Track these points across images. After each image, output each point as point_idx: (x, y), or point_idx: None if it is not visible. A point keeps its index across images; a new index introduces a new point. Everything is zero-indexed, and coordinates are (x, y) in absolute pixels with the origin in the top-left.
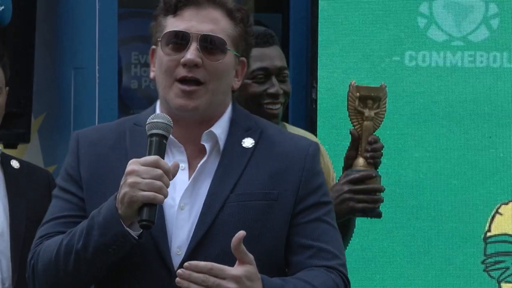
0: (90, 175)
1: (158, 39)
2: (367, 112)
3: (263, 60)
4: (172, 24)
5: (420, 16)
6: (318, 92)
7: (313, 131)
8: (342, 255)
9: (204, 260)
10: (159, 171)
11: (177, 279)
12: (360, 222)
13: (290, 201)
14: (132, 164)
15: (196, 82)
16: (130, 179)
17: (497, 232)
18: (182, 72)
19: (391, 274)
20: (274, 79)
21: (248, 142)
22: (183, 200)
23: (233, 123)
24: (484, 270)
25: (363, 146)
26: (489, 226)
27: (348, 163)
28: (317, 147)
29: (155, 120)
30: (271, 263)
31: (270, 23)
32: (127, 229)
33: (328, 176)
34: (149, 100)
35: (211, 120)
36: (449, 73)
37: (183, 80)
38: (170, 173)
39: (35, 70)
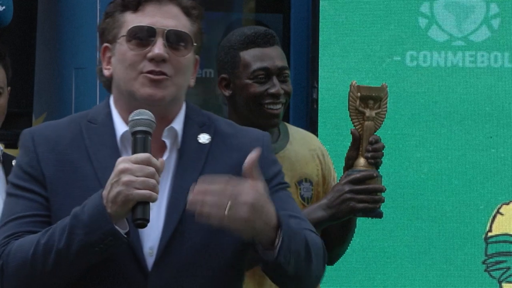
0: (54, 174)
1: (120, 36)
2: (368, 112)
3: (264, 60)
4: (134, 19)
5: (421, 16)
6: (319, 92)
7: (314, 131)
8: (308, 224)
9: (176, 258)
10: (152, 169)
11: (190, 198)
12: (361, 222)
13: None
14: (123, 163)
15: (163, 75)
16: (125, 178)
17: (498, 232)
18: (148, 66)
19: (392, 274)
20: (275, 79)
21: (204, 138)
22: None
23: (187, 119)
24: (485, 270)
25: (364, 146)
26: (490, 226)
27: (349, 163)
28: (269, 137)
29: (138, 117)
30: (235, 256)
31: (271, 23)
32: (117, 227)
33: (329, 176)
34: None
35: (170, 116)
36: (450, 73)
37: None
38: (160, 171)
39: (36, 70)
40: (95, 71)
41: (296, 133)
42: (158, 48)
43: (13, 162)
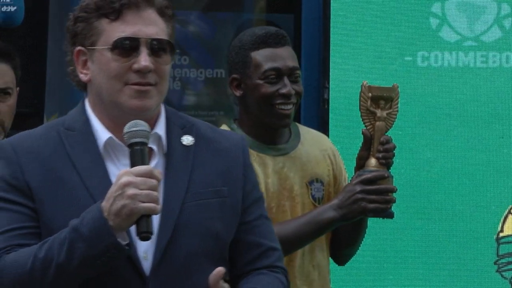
0: (39, 184)
1: (100, 44)
2: (379, 112)
3: (275, 61)
4: (115, 29)
5: (432, 17)
6: (330, 92)
7: (325, 131)
8: (279, 246)
9: (172, 263)
10: (155, 182)
11: None
12: (372, 223)
13: (238, 197)
14: (126, 175)
15: (149, 85)
16: (130, 191)
17: (509, 233)
18: (134, 78)
19: (404, 275)
20: (286, 80)
21: (187, 140)
22: None
23: (168, 121)
24: (497, 271)
25: (375, 146)
26: (502, 226)
27: (360, 164)
28: (245, 140)
29: (135, 129)
30: (224, 258)
31: (282, 24)
32: (119, 240)
33: (340, 176)
34: None
35: (151, 121)
36: (462, 74)
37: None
38: (159, 182)
39: (47, 70)
40: None
41: (307, 133)
42: (144, 59)
43: None
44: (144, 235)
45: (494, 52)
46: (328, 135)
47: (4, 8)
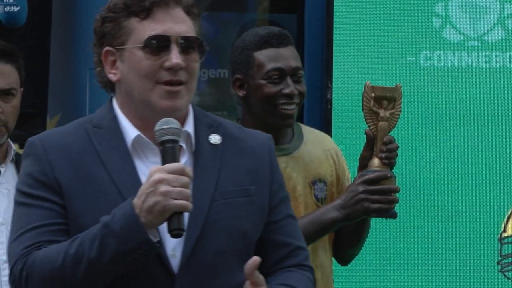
0: (70, 181)
1: (130, 43)
2: (382, 112)
3: (278, 61)
4: (146, 27)
5: (435, 16)
6: (333, 92)
7: (328, 131)
8: (306, 245)
9: (201, 261)
10: (187, 179)
11: None
12: (375, 223)
13: (266, 196)
14: (158, 172)
15: (180, 84)
16: (162, 188)
17: None
18: (166, 76)
19: (407, 275)
20: (289, 80)
21: (215, 139)
22: None
23: (196, 120)
24: (500, 271)
25: (378, 146)
26: (505, 226)
27: (363, 164)
28: (272, 140)
29: (167, 127)
30: (251, 257)
31: (285, 24)
32: (151, 237)
33: (343, 176)
34: None
35: (181, 119)
36: (465, 74)
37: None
38: (191, 180)
39: (50, 71)
40: None
41: (310, 133)
42: (176, 57)
43: None
44: (176, 232)
45: (497, 52)
46: (331, 135)
47: (7, 8)
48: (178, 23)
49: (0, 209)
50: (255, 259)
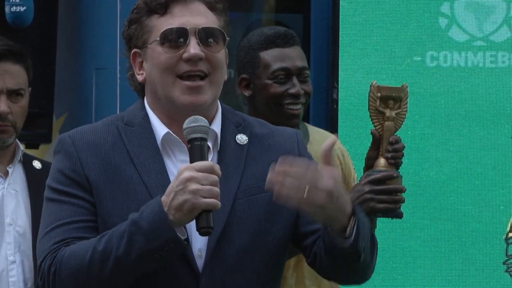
0: (98, 179)
1: (151, 40)
2: (388, 112)
3: (284, 61)
4: (164, 23)
5: (441, 16)
6: (339, 92)
7: (334, 131)
8: None
9: (225, 259)
10: (216, 178)
11: (270, 176)
12: (381, 223)
13: None
14: (188, 171)
15: (200, 77)
16: (192, 186)
17: None
18: (185, 67)
19: (413, 275)
20: (295, 79)
21: (242, 139)
22: None
23: (224, 118)
24: (506, 271)
25: (384, 146)
26: (511, 226)
27: (369, 164)
28: (301, 134)
29: (195, 124)
30: (278, 254)
31: (291, 24)
32: (178, 234)
33: (349, 177)
34: None
35: (209, 117)
36: (471, 74)
37: (185, 76)
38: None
39: (57, 71)
40: (116, 71)
41: (316, 133)
42: (193, 47)
43: (34, 163)
44: (204, 230)
45: (504, 52)
46: (336, 135)
47: (13, 8)
48: (196, 16)
49: (8, 209)
50: (332, 137)
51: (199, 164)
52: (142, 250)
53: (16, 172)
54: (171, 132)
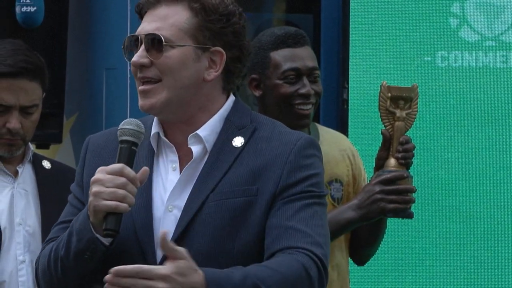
0: (90, 180)
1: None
2: (398, 112)
3: (294, 61)
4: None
5: (452, 16)
6: (349, 92)
7: (344, 131)
8: (319, 236)
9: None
10: (123, 180)
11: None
12: (392, 223)
13: (269, 194)
14: (99, 173)
15: (154, 81)
16: (94, 188)
17: None
18: (138, 73)
19: (423, 275)
20: (305, 80)
21: (238, 141)
22: (170, 201)
23: (227, 121)
24: None
25: (394, 146)
26: None
27: (380, 164)
28: (308, 141)
29: (124, 127)
30: (252, 259)
31: (301, 24)
32: (97, 235)
33: (360, 177)
34: None
35: (193, 118)
36: (481, 73)
37: (140, 81)
38: (137, 180)
39: (67, 71)
40: (126, 71)
41: (326, 133)
42: (135, 55)
43: (43, 162)
44: (106, 233)
45: None
46: (347, 135)
47: (24, 9)
48: (153, 22)
49: (18, 209)
50: (162, 232)
51: (110, 166)
52: (75, 250)
53: (26, 172)
54: (160, 133)
